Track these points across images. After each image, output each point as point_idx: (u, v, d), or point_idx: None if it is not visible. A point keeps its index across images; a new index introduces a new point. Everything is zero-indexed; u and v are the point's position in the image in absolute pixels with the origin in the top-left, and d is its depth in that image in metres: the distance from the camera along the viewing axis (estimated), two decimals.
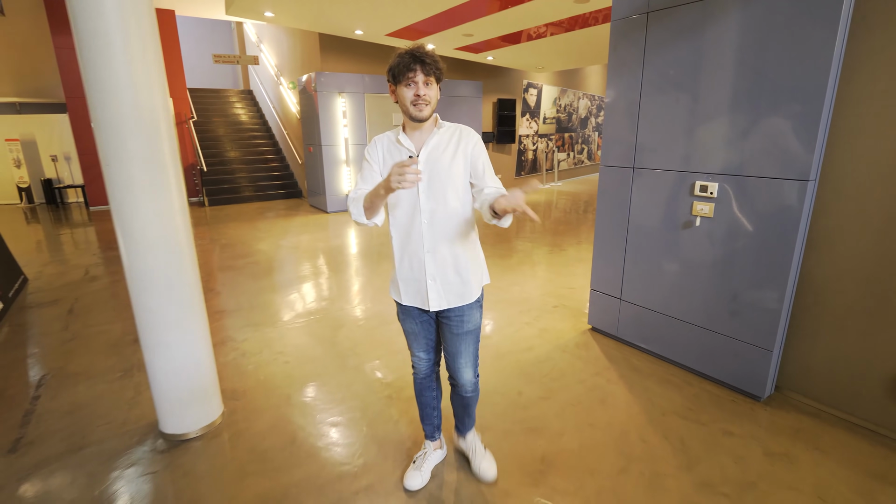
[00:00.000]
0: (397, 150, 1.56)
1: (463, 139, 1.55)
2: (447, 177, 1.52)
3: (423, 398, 1.89)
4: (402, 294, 1.67)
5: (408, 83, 1.44)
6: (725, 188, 2.39)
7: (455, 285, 1.61)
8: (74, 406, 2.48)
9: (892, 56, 1.93)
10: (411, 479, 1.86)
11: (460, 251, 1.59)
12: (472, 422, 1.94)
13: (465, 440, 1.97)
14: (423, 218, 1.54)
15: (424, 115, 1.47)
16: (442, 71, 1.47)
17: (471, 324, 1.67)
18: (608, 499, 1.82)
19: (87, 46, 1.78)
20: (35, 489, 1.90)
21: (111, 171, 1.86)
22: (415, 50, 1.43)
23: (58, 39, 8.06)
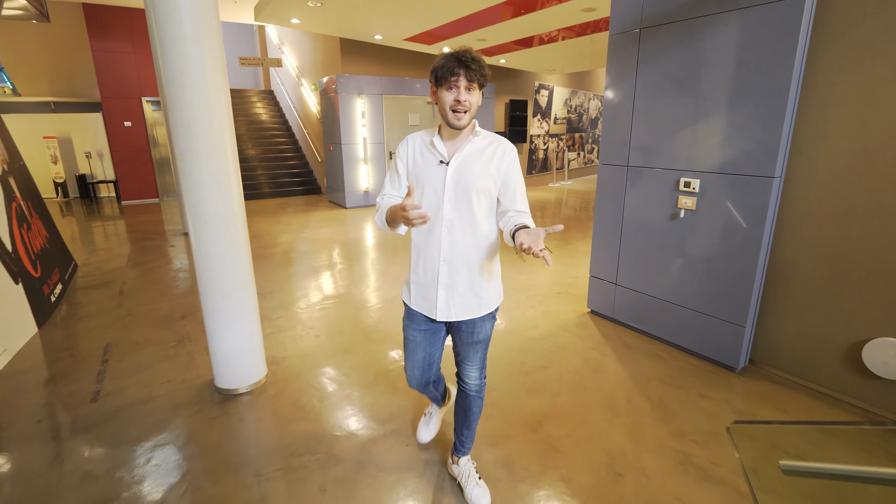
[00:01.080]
0: (430, 152, 1.52)
1: (498, 152, 1.50)
2: (474, 188, 1.47)
3: (424, 395, 2.00)
4: (412, 298, 1.65)
5: (450, 87, 1.39)
6: (706, 184, 2.72)
7: (466, 298, 1.57)
8: (139, 367, 2.90)
9: (845, 70, 2.24)
10: (422, 433, 2.09)
11: (476, 265, 1.55)
12: (471, 441, 1.88)
13: (459, 465, 1.89)
14: (444, 226, 1.50)
15: (462, 124, 1.43)
16: (486, 77, 1.42)
17: (482, 334, 1.65)
18: (595, 442, 2.17)
19: (168, 54, 2.15)
20: (115, 429, 2.31)
21: (185, 164, 2.25)
22: (461, 54, 1.37)
23: (95, 43, 8.57)
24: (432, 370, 1.77)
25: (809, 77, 2.35)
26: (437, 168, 1.50)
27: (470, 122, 1.46)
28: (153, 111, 9.50)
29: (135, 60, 8.98)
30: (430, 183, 1.50)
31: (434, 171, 1.50)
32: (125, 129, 9.21)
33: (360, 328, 3.44)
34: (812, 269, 2.49)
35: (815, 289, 2.49)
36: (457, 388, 1.82)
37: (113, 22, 8.62)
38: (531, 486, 1.90)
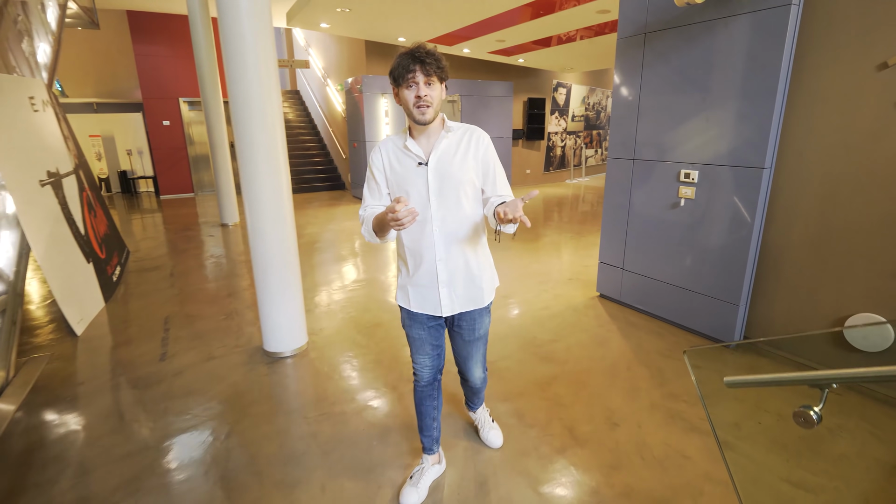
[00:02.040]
0: (406, 156, 1.50)
1: (473, 142, 1.50)
2: (458, 182, 1.48)
3: (423, 407, 1.80)
4: (412, 301, 1.63)
5: (409, 85, 1.38)
6: (704, 175, 2.98)
7: (468, 290, 1.60)
8: (196, 335, 3.31)
9: (828, 71, 2.49)
10: (408, 496, 1.77)
11: (472, 256, 1.57)
12: (482, 400, 2.08)
13: (475, 413, 2.15)
14: (435, 226, 1.50)
15: (427, 118, 1.41)
16: (444, 69, 1.41)
17: (482, 329, 1.69)
18: (596, 400, 2.47)
19: (232, 63, 2.53)
20: (184, 382, 2.70)
21: (244, 159, 2.63)
22: (414, 50, 1.37)
23: (138, 48, 9.15)
24: (441, 357, 1.76)
25: (797, 77, 2.59)
26: (416, 170, 1.48)
27: (435, 116, 1.44)
28: (189, 111, 10.06)
29: (173, 63, 9.53)
30: (413, 186, 1.49)
31: (414, 173, 1.48)
32: (164, 128, 9.79)
33: (387, 307, 3.79)
34: (799, 253, 2.73)
35: (802, 271, 2.73)
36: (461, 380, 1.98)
37: (154, 27, 9.19)
38: (539, 431, 2.21)
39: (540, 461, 2.02)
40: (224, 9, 2.45)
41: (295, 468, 2.00)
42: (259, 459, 2.06)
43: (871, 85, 2.36)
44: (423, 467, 1.86)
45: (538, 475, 1.94)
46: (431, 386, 1.78)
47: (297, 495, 1.85)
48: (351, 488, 1.88)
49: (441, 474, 1.93)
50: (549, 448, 2.10)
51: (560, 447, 2.10)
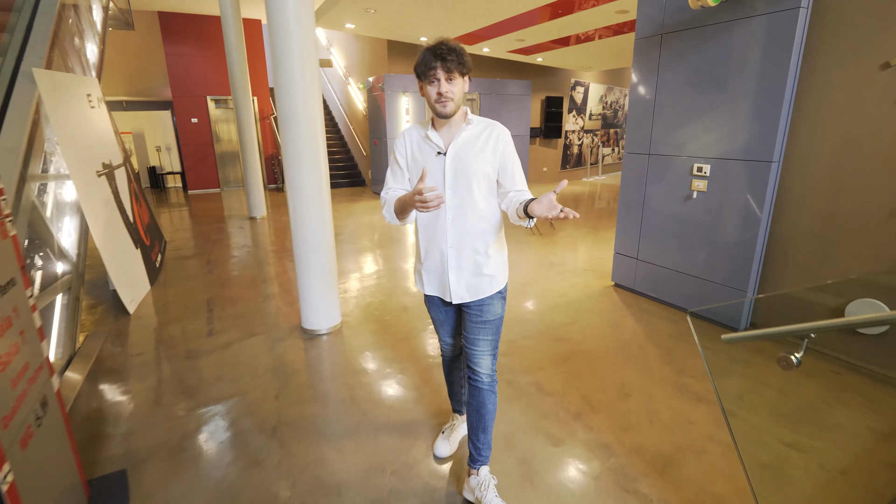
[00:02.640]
0: (427, 145, 1.57)
1: (493, 137, 1.54)
2: (474, 174, 1.52)
3: (450, 376, 2.01)
4: (426, 284, 1.71)
5: (430, 81, 1.43)
6: (715, 169, 3.15)
7: (475, 279, 1.62)
8: (238, 315, 3.59)
9: (834, 72, 2.65)
10: (440, 447, 2.01)
11: (483, 247, 1.60)
12: (489, 446, 1.77)
13: (479, 476, 1.74)
14: (448, 214, 1.55)
15: (448, 112, 1.47)
16: (466, 65, 1.44)
17: (490, 314, 1.66)
18: (610, 374, 2.67)
19: (281, 67, 2.79)
20: (232, 353, 2.98)
21: (288, 153, 2.89)
22: (436, 46, 1.41)
23: (169, 48, 9.53)
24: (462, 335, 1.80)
25: (805, 76, 2.76)
26: (435, 159, 1.54)
27: (457, 110, 1.50)
28: (216, 109, 10.43)
29: (201, 63, 9.90)
30: (429, 174, 1.53)
31: (433, 161, 1.54)
32: (192, 126, 10.17)
33: (411, 293, 4.03)
34: (805, 244, 2.89)
35: (808, 260, 2.90)
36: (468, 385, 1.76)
37: (184, 28, 9.56)
38: (557, 399, 2.43)
39: (557, 423, 2.23)
40: (273, 14, 2.70)
41: (338, 425, 2.25)
42: (306, 417, 2.31)
43: (873, 84, 2.51)
44: (453, 423, 2.09)
45: (556, 434, 2.15)
46: (458, 359, 1.94)
47: (343, 445, 2.10)
48: (390, 441, 2.12)
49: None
50: (565, 413, 2.31)
51: (576, 412, 2.32)
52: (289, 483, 1.88)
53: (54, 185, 3.41)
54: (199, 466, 1.98)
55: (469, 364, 1.72)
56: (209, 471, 1.95)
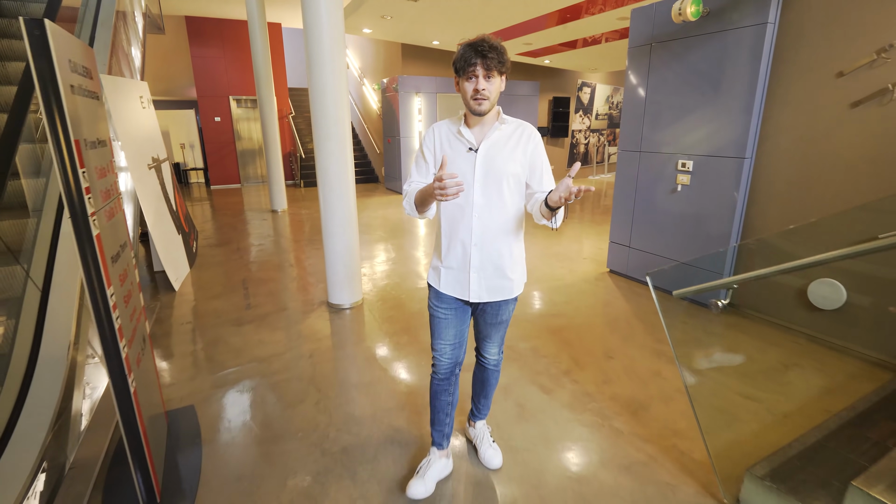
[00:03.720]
0: (458, 141, 1.55)
1: (524, 137, 1.54)
2: (503, 173, 1.51)
3: (437, 402, 1.81)
4: (442, 282, 1.66)
5: (468, 77, 1.43)
6: (697, 164, 3.53)
7: (497, 280, 1.61)
8: (270, 292, 4.04)
9: (796, 80, 3.01)
10: (414, 487, 1.77)
11: (506, 248, 1.59)
12: (487, 408, 2.00)
13: (475, 428, 2.02)
14: (475, 212, 1.54)
15: (483, 110, 1.46)
16: (505, 63, 1.44)
17: (505, 315, 1.71)
18: (597, 341, 3.07)
19: (315, 69, 3.21)
20: (269, 322, 3.42)
21: (320, 148, 3.32)
22: (477, 43, 1.40)
23: (195, 50, 10.06)
24: (462, 348, 1.75)
25: (773, 84, 3.12)
26: (466, 155, 1.53)
27: (491, 108, 1.49)
28: (237, 108, 10.94)
29: (224, 64, 10.42)
30: (459, 170, 1.52)
31: (463, 158, 1.53)
32: (215, 124, 10.69)
33: (425, 276, 4.45)
34: (774, 228, 3.26)
35: (777, 246, 3.26)
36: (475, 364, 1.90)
37: (209, 31, 10.08)
38: (549, 360, 2.83)
39: (549, 377, 2.64)
40: (309, 20, 3.14)
41: (366, 375, 2.68)
42: (336, 371, 2.74)
43: (830, 89, 2.88)
44: (429, 459, 1.87)
45: (547, 385, 2.56)
46: (448, 381, 1.77)
47: (373, 390, 2.53)
48: (411, 384, 2.55)
49: (448, 475, 1.89)
50: (556, 370, 2.72)
51: (565, 370, 2.72)
52: (326, 415, 2.31)
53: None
54: (252, 403, 2.42)
55: (478, 350, 1.86)
56: (261, 406, 2.39)
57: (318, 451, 2.06)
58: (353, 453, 2.05)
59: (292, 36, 14.29)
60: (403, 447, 2.09)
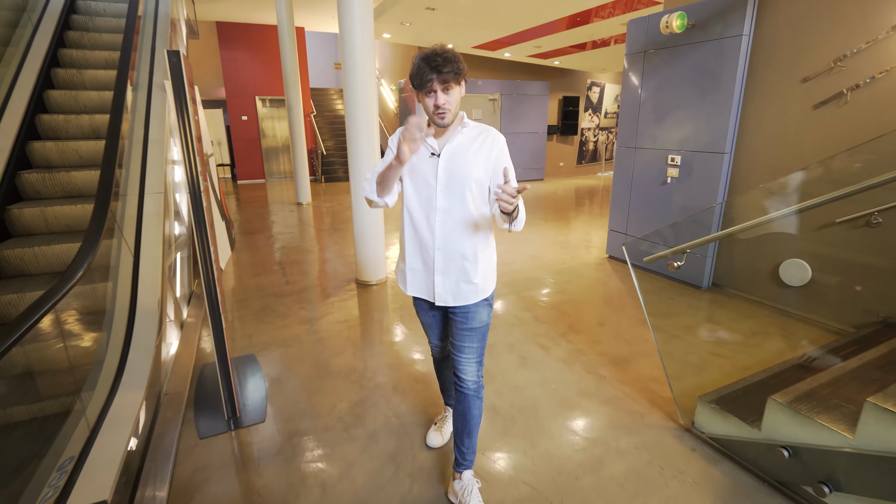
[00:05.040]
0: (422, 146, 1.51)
1: (487, 142, 1.53)
2: (466, 178, 1.50)
3: (441, 375, 2.06)
4: (409, 285, 1.68)
5: (427, 93, 1.43)
6: (684, 159, 3.96)
7: (461, 284, 1.60)
8: (305, 272, 4.57)
9: (769, 84, 3.43)
10: (433, 438, 2.09)
11: (471, 252, 1.58)
12: (473, 451, 1.77)
13: (462, 481, 1.76)
14: (438, 216, 1.53)
15: (447, 123, 1.47)
16: (461, 73, 1.43)
17: (476, 321, 1.64)
18: (591, 312, 3.54)
19: (350, 72, 3.72)
20: (307, 295, 3.95)
21: (353, 142, 3.84)
22: (430, 57, 1.39)
23: (224, 53, 10.68)
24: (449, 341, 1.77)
25: (749, 87, 3.55)
26: (429, 160, 1.53)
27: (454, 118, 1.50)
28: (263, 108, 11.55)
29: (252, 66, 11.02)
30: (421, 175, 1.54)
31: (426, 163, 1.53)
32: (242, 122, 11.31)
33: None
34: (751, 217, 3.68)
35: (753, 231, 3.68)
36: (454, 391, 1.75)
37: (239, 35, 10.69)
38: (548, 326, 3.31)
39: (548, 338, 3.12)
40: (345, 29, 3.65)
41: (391, 335, 3.19)
42: (368, 332, 3.25)
43: (797, 93, 3.30)
44: (444, 416, 2.16)
45: (546, 344, 3.04)
46: (447, 359, 1.95)
47: (398, 346, 3.03)
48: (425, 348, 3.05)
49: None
50: (554, 333, 3.20)
51: (562, 333, 3.20)
52: (362, 363, 2.82)
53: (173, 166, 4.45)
54: (300, 353, 2.94)
55: (455, 371, 1.71)
56: (307, 356, 2.91)
57: (357, 386, 2.58)
58: (385, 388, 2.55)
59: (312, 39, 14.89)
60: (426, 385, 2.59)
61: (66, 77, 4.05)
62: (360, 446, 2.09)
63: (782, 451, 1.78)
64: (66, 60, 4.23)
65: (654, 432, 2.19)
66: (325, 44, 15.65)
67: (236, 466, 1.99)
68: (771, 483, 1.88)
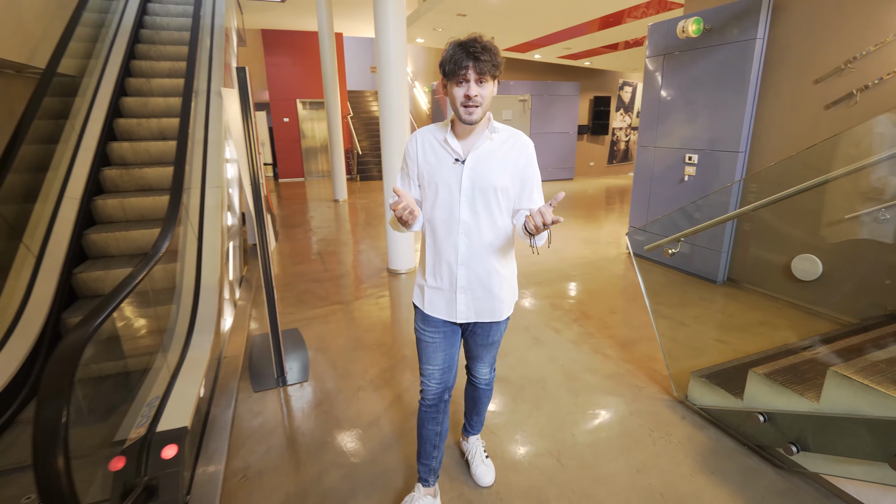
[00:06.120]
0: (443, 149, 1.43)
1: (516, 148, 1.43)
2: (492, 187, 1.40)
3: (424, 430, 1.67)
4: (427, 303, 1.55)
5: (459, 81, 1.31)
6: (701, 158, 4.12)
7: (485, 301, 1.51)
8: (341, 261, 4.98)
9: (782, 85, 3.57)
10: None
11: (495, 267, 1.49)
12: (481, 424, 1.94)
13: (469, 443, 1.96)
14: (461, 229, 1.43)
15: (474, 119, 1.34)
16: (499, 66, 1.31)
17: (496, 336, 1.63)
18: (605, 302, 3.76)
19: (384, 75, 4.09)
20: (343, 281, 4.34)
21: (386, 140, 4.20)
22: (469, 43, 1.28)
23: (269, 59, 11.34)
24: (452, 372, 1.63)
25: (763, 89, 3.69)
26: (452, 167, 1.41)
27: (483, 117, 1.37)
28: (303, 110, 12.17)
29: (293, 71, 11.64)
30: (444, 182, 1.43)
31: (449, 169, 1.42)
32: (283, 124, 11.96)
33: None
34: (765, 213, 3.82)
35: (766, 227, 3.82)
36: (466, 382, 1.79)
37: (282, 42, 11.33)
38: (563, 312, 3.56)
39: (562, 322, 3.38)
40: (380, 35, 4.01)
41: None
42: (398, 313, 3.61)
43: (810, 94, 3.43)
44: (413, 496, 1.71)
45: (559, 328, 3.30)
46: (436, 407, 1.63)
47: None
48: None
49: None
50: (567, 318, 3.45)
51: (575, 318, 3.45)
52: (391, 337, 3.17)
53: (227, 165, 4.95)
54: (337, 329, 3.32)
55: (469, 370, 1.76)
56: (343, 331, 3.29)
57: (386, 356, 2.93)
58: (411, 359, 2.89)
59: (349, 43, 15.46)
60: None
61: (137, 85, 4.60)
62: (387, 403, 2.43)
63: (758, 416, 2.00)
64: (136, 71, 4.78)
65: (649, 402, 2.43)
66: (361, 48, 16.22)
67: (284, 413, 2.37)
68: (750, 446, 2.10)
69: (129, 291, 1.89)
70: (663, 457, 2.03)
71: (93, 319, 1.56)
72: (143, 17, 5.50)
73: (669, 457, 2.03)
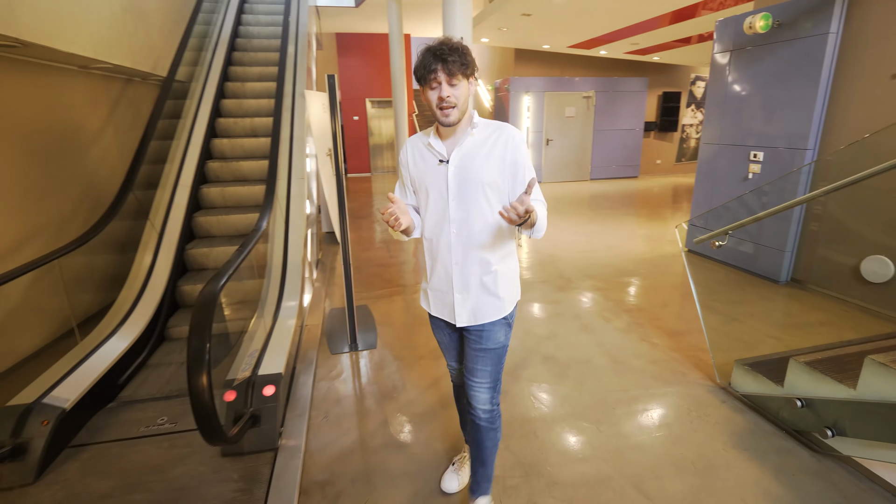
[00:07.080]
0: (428, 153, 1.46)
1: (500, 141, 1.41)
2: (480, 183, 1.40)
3: (459, 404, 1.89)
4: (432, 304, 1.59)
5: (431, 85, 1.32)
6: (767, 155, 4.06)
7: (481, 300, 1.49)
8: (404, 249, 5.37)
9: (857, 80, 3.46)
10: (448, 481, 1.87)
11: (490, 262, 1.47)
12: (487, 481, 1.71)
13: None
14: (452, 228, 1.43)
15: (452, 121, 1.35)
16: (469, 65, 1.32)
17: (491, 342, 1.52)
18: (658, 296, 3.84)
19: None
20: (407, 266, 4.71)
21: None
22: (436, 48, 1.30)
23: (342, 60, 12.06)
24: None
25: (835, 85, 3.59)
26: (437, 168, 1.44)
27: (462, 117, 1.38)
28: (371, 108, 12.81)
29: (363, 71, 12.30)
30: (433, 184, 1.45)
31: (435, 171, 1.44)
32: (354, 122, 12.67)
33: None
34: (832, 211, 3.72)
35: (835, 226, 3.72)
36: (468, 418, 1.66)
37: (354, 44, 12.01)
38: (614, 303, 3.70)
39: (612, 313, 3.52)
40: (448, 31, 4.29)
41: None
42: None
43: (887, 89, 3.32)
44: (464, 455, 1.96)
45: (609, 317, 3.45)
46: (462, 388, 1.71)
47: None
48: None
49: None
50: (618, 309, 3.59)
51: (626, 309, 3.58)
52: None
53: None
54: (401, 307, 3.68)
55: (467, 397, 1.61)
56: (407, 309, 3.64)
57: None
58: None
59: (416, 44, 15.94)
60: None
61: (234, 88, 5.22)
62: (444, 370, 2.74)
63: (796, 401, 2.09)
64: (232, 75, 5.42)
65: (691, 386, 2.56)
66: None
67: (356, 373, 2.75)
68: (787, 430, 2.19)
69: (243, 258, 2.34)
70: (700, 433, 2.17)
71: (219, 279, 1.99)
72: (238, 27, 6.18)
73: (706, 433, 2.17)
